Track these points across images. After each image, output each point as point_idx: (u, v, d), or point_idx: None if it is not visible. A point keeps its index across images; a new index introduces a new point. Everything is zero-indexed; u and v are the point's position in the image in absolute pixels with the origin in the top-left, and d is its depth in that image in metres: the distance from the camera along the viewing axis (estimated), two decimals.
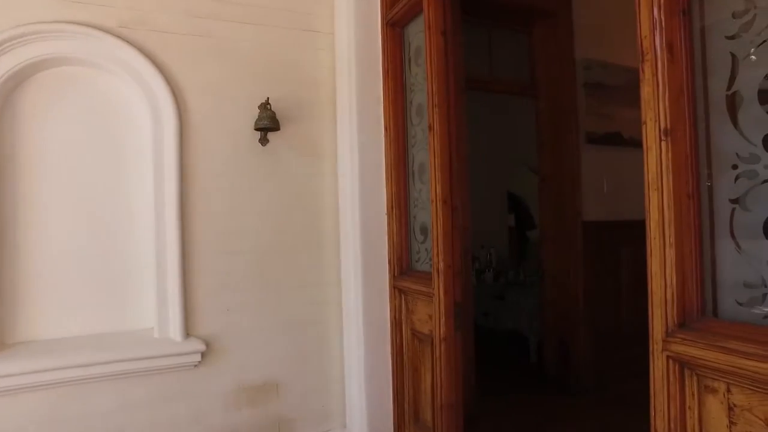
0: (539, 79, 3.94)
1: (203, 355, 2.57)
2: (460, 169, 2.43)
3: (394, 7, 2.70)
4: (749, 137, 1.17)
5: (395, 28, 2.76)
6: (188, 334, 2.56)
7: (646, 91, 1.31)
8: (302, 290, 2.85)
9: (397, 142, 2.73)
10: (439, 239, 2.29)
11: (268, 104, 2.66)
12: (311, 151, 2.90)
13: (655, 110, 1.29)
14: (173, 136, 2.54)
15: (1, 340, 2.35)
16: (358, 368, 2.75)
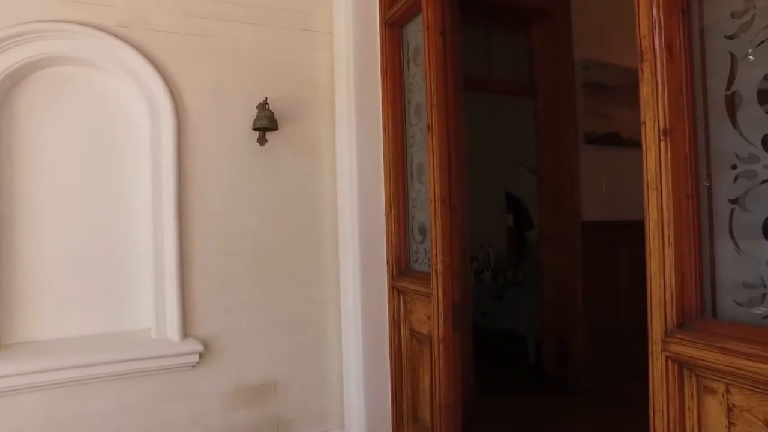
0: (538, 79, 3.95)
1: (201, 355, 2.57)
2: (458, 169, 2.43)
3: (392, 6, 2.69)
4: (748, 137, 1.17)
5: (394, 27, 2.75)
6: (186, 334, 2.56)
7: (645, 90, 1.31)
8: (300, 290, 2.85)
9: (395, 142, 2.73)
10: (437, 239, 2.29)
11: (266, 104, 2.65)
12: (309, 150, 2.90)
13: (654, 110, 1.28)
14: (171, 135, 2.54)
15: None
16: (356, 369, 2.75)
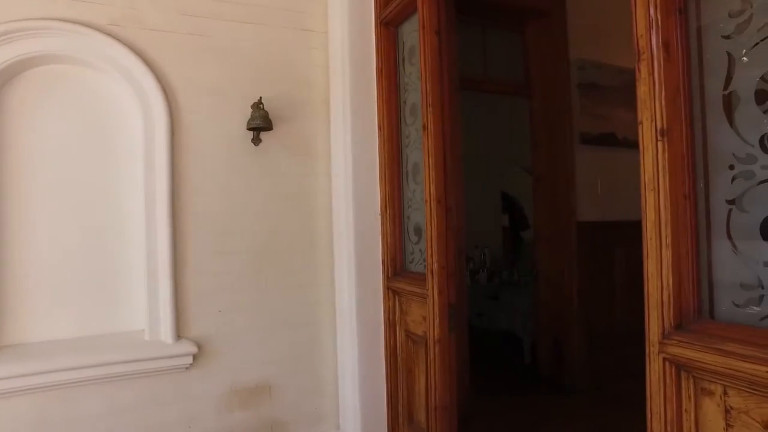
0: (533, 79, 3.94)
1: (195, 357, 2.55)
2: (454, 169, 2.42)
3: (387, 6, 2.68)
4: (746, 138, 1.16)
5: (389, 27, 2.74)
6: (179, 335, 2.53)
7: (642, 90, 1.30)
8: (295, 291, 2.83)
9: (390, 141, 2.72)
10: (433, 240, 2.28)
11: (260, 103, 2.63)
12: (304, 150, 2.88)
13: (651, 110, 1.28)
14: (164, 134, 2.52)
15: None
16: (351, 370, 2.73)
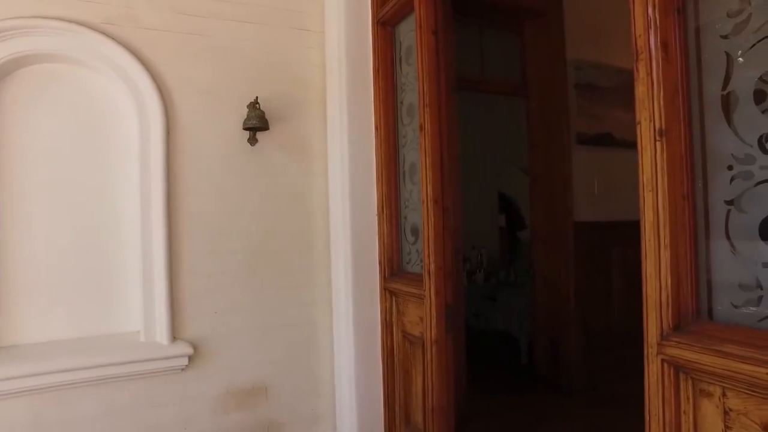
0: (530, 79, 3.94)
1: (191, 358, 2.53)
2: (451, 169, 2.41)
3: (384, 5, 2.67)
4: (744, 138, 1.16)
5: (386, 27, 2.73)
6: (175, 337, 2.51)
7: (640, 90, 1.30)
8: (291, 291, 2.82)
9: (387, 141, 2.71)
10: (430, 240, 2.27)
11: (256, 103, 2.62)
12: (301, 150, 2.86)
13: (649, 110, 1.27)
14: (160, 134, 2.50)
15: None
16: (348, 371, 2.72)
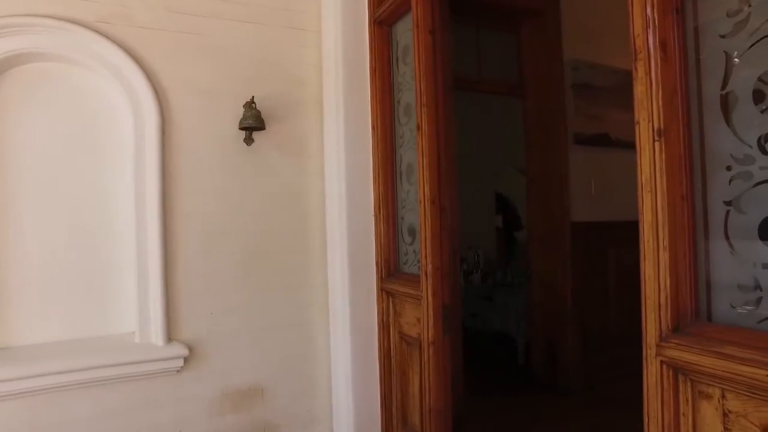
0: (527, 79, 3.94)
1: (186, 360, 2.51)
2: (448, 169, 2.40)
3: (381, 5, 2.66)
4: (743, 138, 1.15)
5: (383, 26, 2.72)
6: (170, 338, 2.50)
7: (639, 90, 1.29)
8: (287, 292, 2.80)
9: (384, 141, 2.70)
10: (427, 241, 2.26)
11: (253, 103, 2.60)
12: (297, 150, 2.85)
13: (648, 110, 1.26)
14: (155, 134, 2.48)
15: None
16: (345, 372, 2.71)
